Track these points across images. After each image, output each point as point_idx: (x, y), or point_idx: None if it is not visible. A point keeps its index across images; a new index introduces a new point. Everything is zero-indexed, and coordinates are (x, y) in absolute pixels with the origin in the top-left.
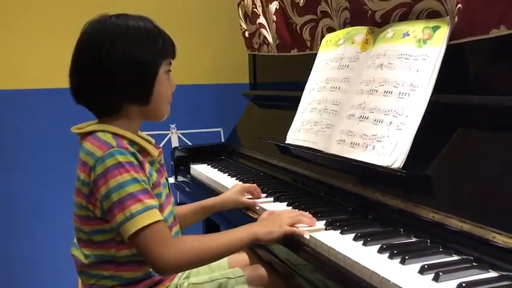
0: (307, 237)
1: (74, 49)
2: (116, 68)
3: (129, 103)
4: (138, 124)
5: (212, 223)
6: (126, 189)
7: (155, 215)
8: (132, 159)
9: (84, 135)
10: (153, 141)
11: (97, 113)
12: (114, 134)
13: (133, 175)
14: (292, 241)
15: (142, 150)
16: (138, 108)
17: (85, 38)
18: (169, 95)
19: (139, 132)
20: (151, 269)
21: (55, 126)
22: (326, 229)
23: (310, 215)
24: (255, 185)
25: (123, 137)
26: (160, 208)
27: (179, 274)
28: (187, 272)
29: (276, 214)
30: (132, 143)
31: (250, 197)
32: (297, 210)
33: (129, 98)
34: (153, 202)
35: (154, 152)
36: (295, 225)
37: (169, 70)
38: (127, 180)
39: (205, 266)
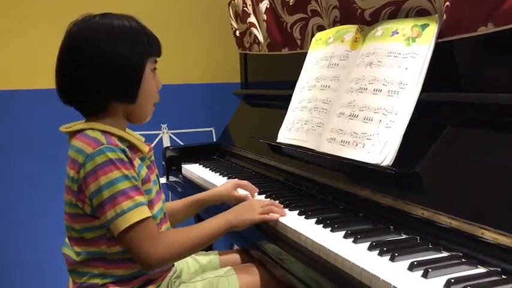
0: (294, 231)
1: (59, 50)
2: (102, 67)
3: (116, 102)
4: (124, 122)
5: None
6: (117, 186)
7: (145, 212)
8: (122, 156)
9: (73, 134)
10: (143, 139)
11: (85, 113)
12: (103, 131)
13: (123, 172)
14: (282, 239)
15: (132, 147)
16: (125, 107)
17: (70, 38)
18: (155, 93)
19: (128, 130)
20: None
21: (46, 125)
22: (306, 218)
23: (281, 206)
24: (248, 182)
25: (112, 134)
26: (151, 204)
27: (170, 273)
28: (178, 271)
29: (248, 203)
30: (121, 139)
31: (245, 192)
32: (268, 199)
33: (116, 97)
34: (142, 199)
35: (145, 148)
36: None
37: (155, 68)
38: (118, 177)
39: (197, 265)
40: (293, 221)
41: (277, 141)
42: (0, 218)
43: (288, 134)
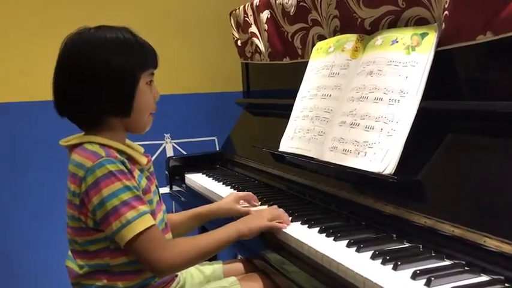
0: (297, 241)
1: (56, 62)
2: (95, 80)
3: (110, 115)
4: (123, 134)
5: (206, 231)
6: (119, 198)
7: (149, 220)
8: (122, 167)
9: (72, 148)
10: (142, 149)
11: (80, 125)
12: (101, 145)
13: (124, 183)
14: (285, 248)
15: (131, 159)
16: (120, 120)
17: (65, 51)
18: (151, 105)
19: (127, 141)
20: (146, 278)
21: (49, 137)
22: (309, 227)
23: (286, 215)
24: (251, 193)
25: (110, 146)
26: (152, 215)
27: (174, 284)
28: (182, 281)
29: (257, 211)
30: (120, 152)
31: (246, 204)
32: (276, 207)
33: (109, 111)
34: (145, 208)
35: (143, 160)
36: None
37: (151, 80)
38: (119, 188)
39: (201, 275)
40: (296, 230)
41: (279, 150)
42: (3, 230)
43: (290, 143)
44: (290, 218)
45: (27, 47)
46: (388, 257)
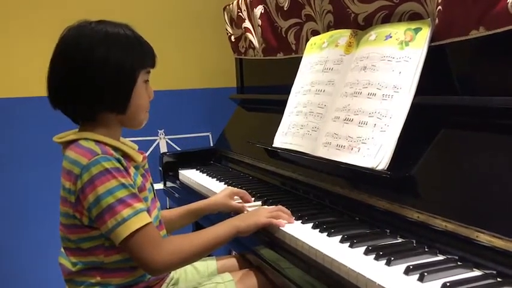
0: (291, 236)
1: (52, 54)
2: (92, 75)
3: (106, 111)
4: (118, 131)
5: (201, 228)
6: (115, 195)
7: (145, 218)
8: (118, 165)
9: (67, 144)
10: (136, 146)
11: (74, 120)
12: (97, 141)
13: (120, 181)
14: (279, 244)
15: (126, 156)
16: (115, 116)
17: (63, 43)
18: (146, 104)
19: (122, 139)
20: (139, 275)
21: (40, 134)
22: (302, 222)
23: (289, 212)
24: (244, 190)
25: (105, 144)
26: (147, 212)
27: (167, 280)
28: (175, 278)
29: (256, 209)
30: (115, 149)
31: (240, 201)
32: (277, 206)
33: (105, 106)
34: (142, 205)
35: (138, 157)
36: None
37: (147, 80)
38: (115, 186)
39: (195, 272)
40: (290, 226)
41: (273, 145)
42: None
43: (284, 138)
44: None
45: (13, 43)
46: (381, 253)
